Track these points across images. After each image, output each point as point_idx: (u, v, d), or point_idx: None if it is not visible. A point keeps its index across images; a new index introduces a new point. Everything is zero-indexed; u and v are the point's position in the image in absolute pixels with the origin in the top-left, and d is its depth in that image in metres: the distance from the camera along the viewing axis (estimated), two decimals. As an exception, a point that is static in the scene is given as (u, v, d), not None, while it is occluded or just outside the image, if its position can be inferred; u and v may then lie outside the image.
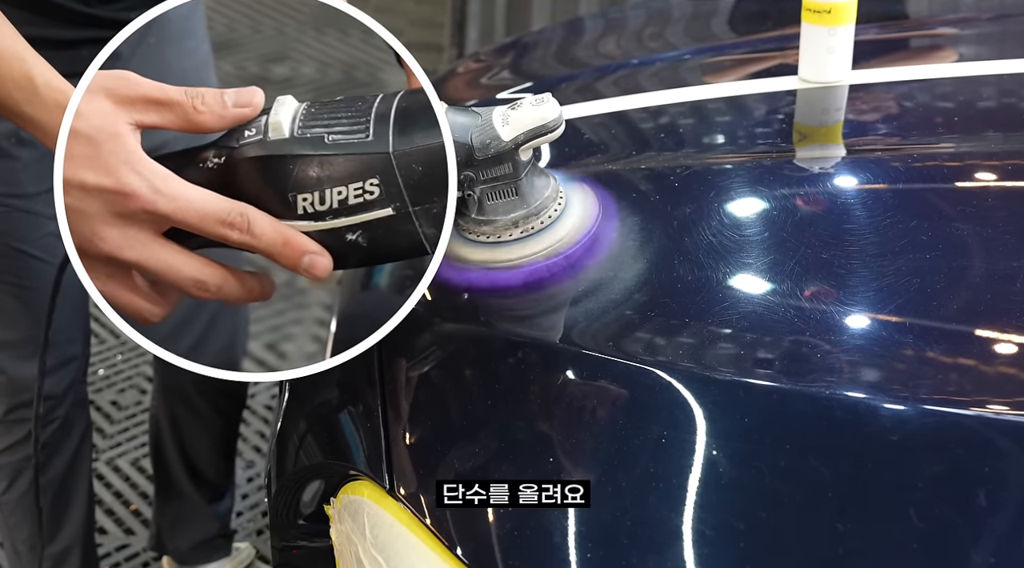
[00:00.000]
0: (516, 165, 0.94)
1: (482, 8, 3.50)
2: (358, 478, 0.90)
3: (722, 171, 1.13)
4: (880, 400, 0.80)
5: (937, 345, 0.85)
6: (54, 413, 1.34)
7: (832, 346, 0.85)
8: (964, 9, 1.84)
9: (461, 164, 0.92)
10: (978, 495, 0.75)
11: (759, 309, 0.91)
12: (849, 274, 0.92)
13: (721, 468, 0.78)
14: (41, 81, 0.82)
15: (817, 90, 1.29)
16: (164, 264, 0.65)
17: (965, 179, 1.12)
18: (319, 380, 1.04)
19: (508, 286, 0.96)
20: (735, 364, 0.85)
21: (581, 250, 0.97)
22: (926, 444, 0.77)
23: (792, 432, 0.79)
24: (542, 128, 0.93)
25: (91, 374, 2.29)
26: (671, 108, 1.33)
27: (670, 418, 0.81)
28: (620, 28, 2.00)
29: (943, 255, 0.94)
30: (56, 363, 1.32)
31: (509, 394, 0.88)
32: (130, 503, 1.95)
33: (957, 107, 1.30)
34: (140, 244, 0.64)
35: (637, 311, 0.92)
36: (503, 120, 0.93)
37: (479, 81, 1.83)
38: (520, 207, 0.96)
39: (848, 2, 1.23)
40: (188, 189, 0.63)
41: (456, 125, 0.92)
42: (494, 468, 0.83)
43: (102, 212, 0.63)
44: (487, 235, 0.97)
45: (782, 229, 1.00)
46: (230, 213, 0.65)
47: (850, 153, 1.20)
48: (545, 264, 0.95)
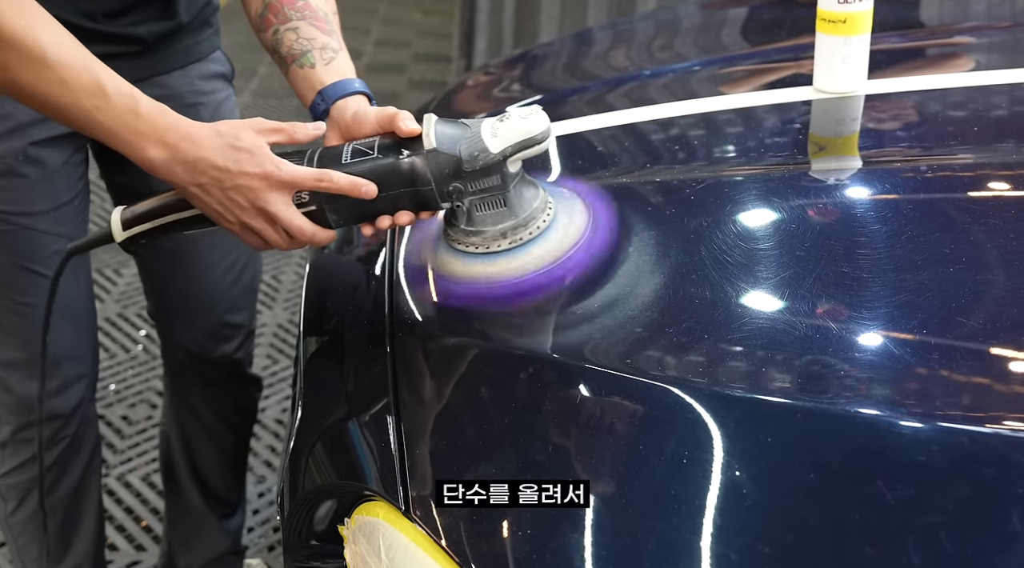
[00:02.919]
0: (504, 176, 0.95)
1: (490, 19, 3.50)
2: (373, 499, 0.89)
3: (735, 183, 1.12)
4: (899, 417, 0.78)
5: (958, 362, 0.84)
6: (62, 432, 1.34)
7: (849, 363, 0.84)
8: (979, 18, 1.82)
9: (449, 175, 0.95)
10: (1004, 515, 0.73)
11: (769, 323, 0.89)
12: (866, 288, 0.91)
13: (711, 478, 0.77)
14: (111, 88, 0.94)
15: (832, 100, 1.27)
16: (287, 216, 0.96)
17: (983, 190, 1.11)
18: (332, 398, 1.03)
19: (501, 300, 0.96)
20: (742, 380, 0.83)
21: (570, 262, 0.97)
22: (949, 463, 0.76)
23: (810, 451, 0.78)
24: (530, 140, 0.94)
25: (102, 389, 2.29)
26: (683, 120, 1.32)
27: (672, 433, 0.80)
28: (629, 39, 1.99)
29: (964, 269, 0.92)
30: (63, 382, 1.31)
31: (527, 414, 0.87)
32: (141, 519, 1.93)
33: (974, 117, 1.28)
34: (281, 203, 0.95)
35: (632, 324, 0.91)
36: (492, 132, 0.94)
37: (490, 94, 1.82)
38: (509, 218, 0.97)
39: (863, 12, 1.22)
40: (297, 168, 0.95)
41: (445, 137, 0.95)
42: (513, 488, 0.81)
43: (261, 187, 0.94)
44: (476, 246, 0.98)
45: (795, 242, 0.99)
46: (320, 174, 0.95)
47: (866, 164, 1.18)
48: (535, 277, 0.96)
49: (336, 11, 1.17)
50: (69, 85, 0.92)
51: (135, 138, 0.94)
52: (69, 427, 1.33)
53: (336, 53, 1.09)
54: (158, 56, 1.22)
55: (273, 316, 2.55)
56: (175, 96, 1.26)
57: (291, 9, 1.11)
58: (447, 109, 1.81)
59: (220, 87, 1.33)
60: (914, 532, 0.72)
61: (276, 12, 1.11)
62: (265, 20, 1.12)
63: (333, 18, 1.15)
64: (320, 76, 1.06)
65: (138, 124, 0.94)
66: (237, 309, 1.44)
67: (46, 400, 1.28)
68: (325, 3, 1.15)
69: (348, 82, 1.06)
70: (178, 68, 1.26)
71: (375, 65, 4.35)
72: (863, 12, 1.22)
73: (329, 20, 1.13)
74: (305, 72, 1.07)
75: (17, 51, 0.91)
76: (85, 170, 1.30)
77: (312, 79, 1.07)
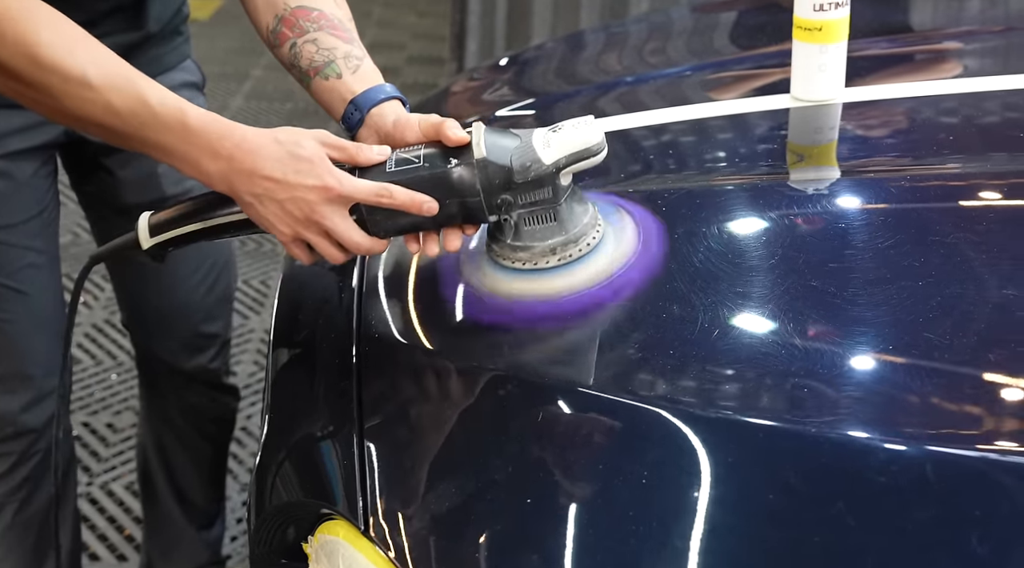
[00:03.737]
0: (556, 189, 0.91)
1: (482, 21, 3.48)
2: (334, 517, 0.88)
3: (707, 193, 1.11)
4: (877, 439, 0.77)
5: (932, 378, 0.82)
6: (35, 446, 1.32)
7: (824, 382, 0.83)
8: (971, 22, 1.81)
9: (499, 186, 0.91)
10: (990, 535, 0.72)
11: (740, 341, 0.88)
12: (837, 303, 0.90)
13: (680, 501, 0.75)
14: (155, 101, 0.91)
15: (810, 108, 1.26)
16: (344, 229, 0.92)
17: (969, 201, 1.09)
18: (297, 414, 1.02)
19: (547, 320, 0.91)
20: (725, 400, 0.82)
21: (619, 282, 0.92)
22: (929, 485, 0.74)
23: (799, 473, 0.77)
24: (585, 151, 0.91)
25: (87, 396, 2.28)
26: (668, 127, 1.30)
27: (645, 454, 0.79)
28: (619, 43, 1.97)
29: (937, 283, 0.91)
30: (36, 396, 1.30)
31: (490, 437, 0.86)
32: (123, 528, 1.92)
33: (958, 124, 1.27)
34: (338, 216, 0.92)
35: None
36: (544, 142, 0.91)
37: (479, 98, 1.81)
38: (559, 233, 0.93)
39: (839, 19, 1.21)
40: (358, 181, 0.91)
41: (495, 147, 0.91)
42: (471, 513, 0.80)
43: (318, 200, 0.90)
44: (523, 261, 0.94)
45: (764, 254, 0.97)
46: (380, 190, 0.91)
47: (844, 174, 1.17)
48: (581, 298, 0.91)
49: (351, 17, 1.13)
50: (115, 106, 0.90)
51: (188, 151, 0.91)
52: (42, 441, 1.31)
53: (361, 60, 1.05)
54: None
55: (261, 322, 2.54)
56: None
57: (306, 21, 1.07)
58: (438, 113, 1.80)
59: (191, 96, 1.31)
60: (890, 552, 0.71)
61: (291, 25, 1.07)
62: (280, 35, 1.07)
63: (350, 25, 1.10)
64: (349, 85, 1.02)
65: (188, 136, 0.91)
66: (212, 319, 1.42)
67: (19, 414, 1.27)
68: (340, 10, 1.11)
69: (379, 88, 1.02)
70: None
71: (368, 68, 4.33)
72: (839, 20, 1.21)
73: (346, 27, 1.08)
74: (331, 83, 1.03)
75: (60, 75, 0.89)
76: (54, 182, 1.29)
77: (340, 89, 1.02)
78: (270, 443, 1.01)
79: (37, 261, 1.24)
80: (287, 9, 1.07)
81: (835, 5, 1.20)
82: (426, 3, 5.19)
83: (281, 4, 1.08)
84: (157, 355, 1.44)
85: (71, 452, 1.41)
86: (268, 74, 4.30)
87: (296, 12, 1.07)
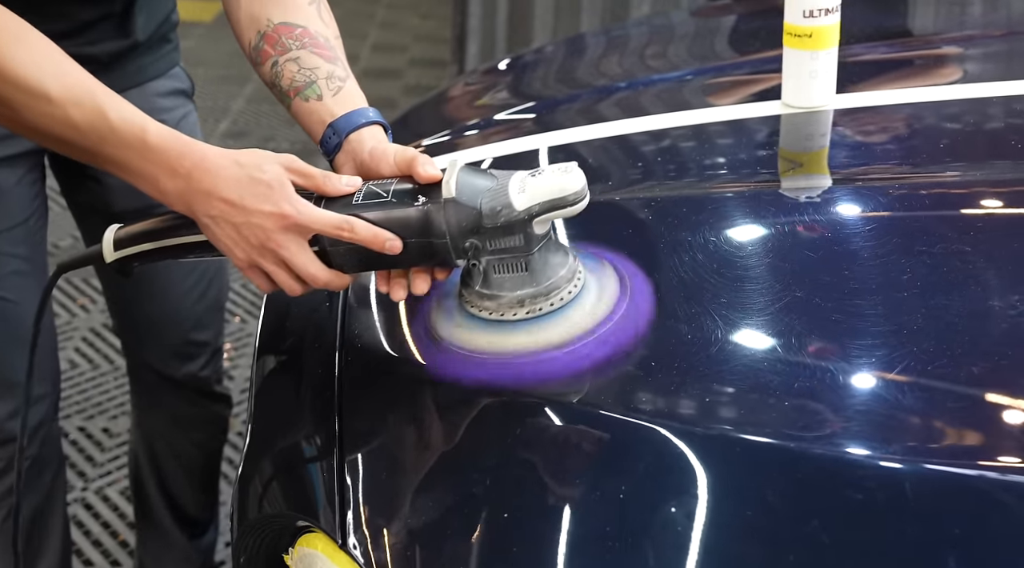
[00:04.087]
0: (529, 238, 0.85)
1: (483, 24, 3.48)
2: (313, 530, 0.87)
3: (693, 201, 1.10)
4: (862, 449, 0.76)
5: (922, 394, 0.81)
6: (23, 453, 1.30)
7: (820, 398, 0.82)
8: (971, 26, 1.79)
9: (468, 230, 0.85)
10: (993, 555, 0.71)
11: (733, 356, 0.87)
12: (826, 316, 0.89)
13: (655, 518, 0.75)
14: (115, 116, 0.89)
15: (801, 115, 1.25)
16: (301, 261, 0.89)
17: (958, 209, 1.08)
18: (280, 425, 1.01)
19: (502, 381, 0.86)
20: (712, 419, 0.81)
21: (592, 345, 0.86)
22: (932, 504, 0.73)
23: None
24: (562, 200, 0.84)
25: (84, 400, 2.28)
26: (660, 134, 1.29)
27: (621, 471, 0.78)
28: (617, 47, 1.96)
29: (924, 293, 0.90)
30: (22, 403, 1.28)
31: (466, 449, 0.85)
32: (118, 533, 1.92)
33: (951, 131, 1.26)
34: (295, 246, 0.88)
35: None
36: (520, 187, 0.85)
37: (475, 102, 1.80)
38: (529, 284, 0.87)
39: (829, 26, 1.20)
40: (317, 211, 0.88)
41: (467, 187, 0.86)
42: (449, 529, 0.80)
43: (275, 227, 0.87)
44: (490, 311, 0.88)
45: (748, 264, 0.96)
46: (341, 222, 0.87)
47: (834, 182, 1.16)
48: (550, 355, 0.85)
49: (339, 35, 1.08)
50: (74, 120, 0.88)
51: (146, 168, 0.89)
52: (30, 449, 1.31)
53: (343, 81, 1.00)
54: (114, 75, 1.20)
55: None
56: None
57: (289, 39, 1.02)
58: (423, 121, 1.79)
59: (180, 103, 1.31)
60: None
61: (273, 43, 1.03)
62: (262, 52, 1.04)
63: (336, 43, 1.06)
64: (329, 108, 0.98)
65: (148, 153, 0.89)
66: (202, 326, 1.42)
67: (3, 422, 1.26)
68: (326, 28, 1.06)
69: (360, 112, 0.98)
70: (135, 86, 1.24)
71: (371, 70, 4.33)
72: (830, 26, 1.20)
73: (332, 46, 1.04)
74: (311, 105, 0.99)
75: (19, 87, 0.88)
76: (42, 188, 1.28)
77: (320, 111, 0.98)
78: (252, 454, 1.00)
79: (22, 268, 1.23)
80: (270, 25, 1.04)
81: (825, 11, 1.19)
82: (429, 5, 5.19)
83: (264, 20, 1.04)
84: (147, 362, 1.44)
85: (59, 459, 1.40)
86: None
87: (279, 29, 1.03)
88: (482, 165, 1.22)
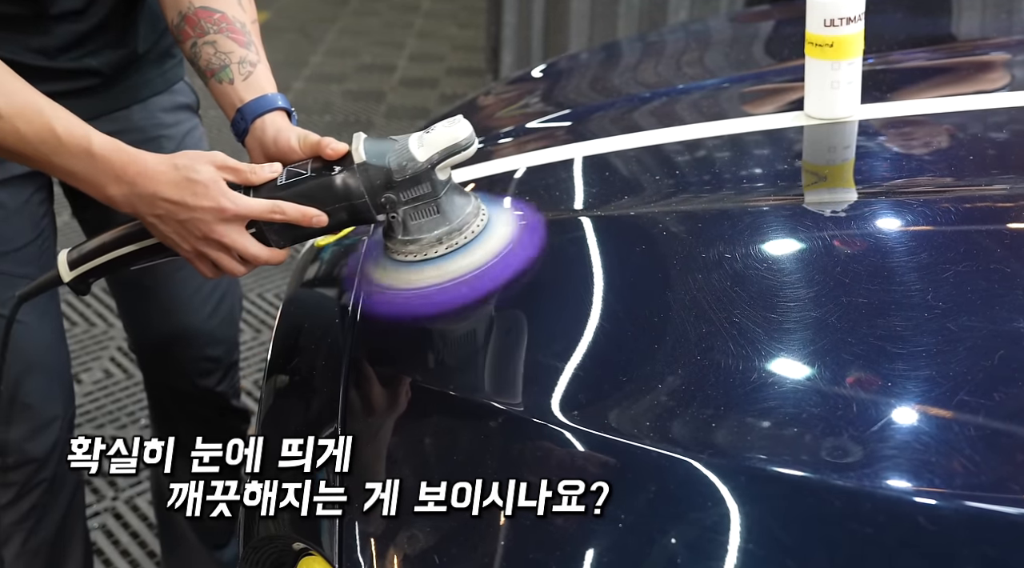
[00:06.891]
0: (435, 184, 0.98)
1: (517, 33, 3.46)
2: (312, 553, 0.86)
3: (711, 216, 1.07)
4: (877, 483, 0.73)
5: (966, 427, 0.77)
6: (38, 476, 1.30)
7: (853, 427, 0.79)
8: (1013, 32, 1.74)
9: (381, 187, 0.97)
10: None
11: (751, 375, 0.85)
12: (851, 339, 0.86)
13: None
14: (62, 129, 0.95)
15: (824, 126, 1.21)
16: (242, 244, 0.98)
17: (987, 224, 1.03)
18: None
19: (442, 303, 0.98)
20: (680, 440, 0.79)
21: (504, 262, 0.99)
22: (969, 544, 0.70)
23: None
24: (455, 146, 0.97)
25: (116, 410, 2.29)
26: (669, 147, 1.27)
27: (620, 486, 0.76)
28: (651, 55, 1.93)
29: (948, 314, 0.86)
30: (36, 426, 1.28)
31: (469, 474, 0.83)
32: (146, 544, 1.93)
33: (981, 142, 1.21)
34: (235, 233, 0.98)
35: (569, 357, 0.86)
36: (419, 143, 0.98)
37: (506, 110, 1.78)
38: (443, 224, 0.99)
39: (852, 35, 1.16)
40: (250, 201, 0.97)
41: (373, 151, 0.98)
42: (447, 555, 0.78)
43: (214, 220, 0.96)
44: (414, 254, 1.00)
45: (767, 281, 0.94)
46: (273, 207, 0.97)
47: (859, 196, 1.12)
48: (473, 277, 0.98)
49: (256, 19, 1.16)
50: (23, 133, 0.95)
51: (94, 176, 0.97)
52: (45, 470, 1.30)
53: (254, 66, 1.08)
54: (117, 90, 1.20)
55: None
56: (135, 130, 1.24)
57: (207, 22, 1.10)
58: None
59: (184, 118, 1.31)
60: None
61: (193, 25, 1.10)
62: (182, 32, 1.11)
63: (252, 27, 1.13)
64: (239, 92, 1.06)
65: (94, 163, 0.97)
66: (216, 342, 1.41)
67: (21, 444, 1.26)
68: (243, 14, 1.13)
69: (266, 99, 1.05)
70: (138, 102, 1.24)
71: (408, 80, 4.34)
72: (852, 35, 1.16)
73: (247, 31, 1.11)
74: (224, 87, 1.07)
75: None
76: (49, 208, 1.28)
77: (231, 95, 1.06)
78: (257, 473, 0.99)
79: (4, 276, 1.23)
80: (191, 8, 1.10)
81: (847, 20, 1.15)
82: (467, 15, 5.19)
83: (186, 2, 1.11)
84: (163, 380, 1.44)
85: (76, 479, 1.39)
86: (308, 86, 4.33)
87: (199, 12, 1.10)
88: (514, 175, 1.27)
